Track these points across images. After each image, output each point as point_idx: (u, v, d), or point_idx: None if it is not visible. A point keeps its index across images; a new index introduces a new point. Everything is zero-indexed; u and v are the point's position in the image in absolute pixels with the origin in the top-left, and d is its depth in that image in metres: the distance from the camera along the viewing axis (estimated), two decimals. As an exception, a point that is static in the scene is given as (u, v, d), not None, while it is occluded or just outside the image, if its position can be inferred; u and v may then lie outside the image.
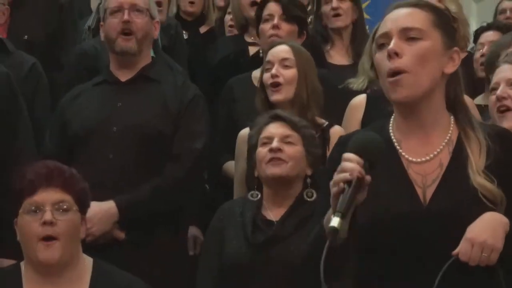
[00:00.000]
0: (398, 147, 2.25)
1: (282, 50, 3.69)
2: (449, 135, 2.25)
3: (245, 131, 3.64)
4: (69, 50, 4.35)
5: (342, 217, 1.98)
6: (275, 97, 3.61)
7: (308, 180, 3.21)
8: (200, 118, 3.59)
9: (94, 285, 2.81)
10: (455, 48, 2.26)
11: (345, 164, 2.04)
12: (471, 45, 4.85)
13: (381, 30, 2.24)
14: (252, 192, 3.23)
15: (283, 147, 3.16)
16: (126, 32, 3.53)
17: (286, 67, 3.64)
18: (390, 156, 2.22)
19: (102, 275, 2.84)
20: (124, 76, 3.61)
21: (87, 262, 2.87)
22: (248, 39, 4.61)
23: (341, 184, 2.01)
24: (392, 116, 2.28)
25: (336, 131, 3.51)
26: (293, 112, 3.53)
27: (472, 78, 4.40)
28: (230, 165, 3.85)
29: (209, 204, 3.90)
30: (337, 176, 2.03)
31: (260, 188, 3.23)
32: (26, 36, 4.21)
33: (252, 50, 4.52)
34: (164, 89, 3.58)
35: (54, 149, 3.53)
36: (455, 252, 2.13)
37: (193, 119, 3.56)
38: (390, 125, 2.27)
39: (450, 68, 2.24)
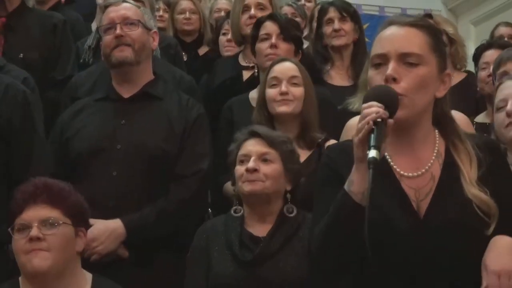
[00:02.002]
0: (391, 162, 2.28)
1: (290, 68, 3.72)
2: (436, 148, 2.29)
3: None
4: (64, 68, 4.39)
5: (378, 150, 2.06)
6: (282, 108, 3.63)
7: (288, 196, 3.21)
8: (204, 138, 3.61)
9: (93, 301, 2.82)
10: (447, 71, 2.30)
11: (368, 109, 2.09)
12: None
13: (377, 50, 2.26)
14: (235, 207, 3.24)
15: (260, 166, 3.17)
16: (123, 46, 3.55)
17: (295, 84, 3.68)
18: (384, 170, 2.24)
19: None
20: (126, 92, 3.62)
21: (87, 277, 2.89)
22: (243, 62, 4.61)
23: (371, 123, 2.06)
24: None
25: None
26: (295, 128, 3.59)
27: (474, 97, 4.40)
28: (229, 185, 3.84)
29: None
30: (364, 116, 2.09)
31: (242, 203, 3.25)
32: (21, 55, 4.22)
33: (246, 74, 4.54)
34: (168, 108, 3.61)
35: (53, 169, 3.51)
36: (482, 287, 2.14)
37: (197, 139, 3.58)
38: None
39: (442, 92, 2.29)
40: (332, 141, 3.58)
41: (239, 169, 3.21)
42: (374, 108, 2.09)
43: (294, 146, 3.32)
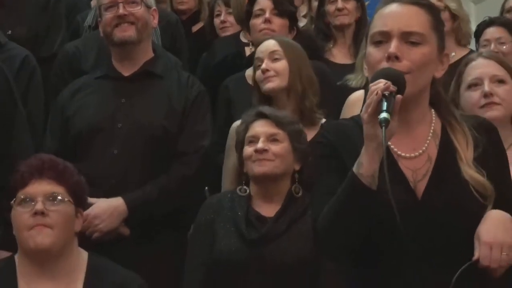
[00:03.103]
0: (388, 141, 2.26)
1: (269, 45, 3.73)
2: (432, 127, 2.29)
3: (237, 124, 3.66)
4: (51, 46, 4.38)
5: (389, 114, 2.06)
6: (267, 85, 3.64)
7: (296, 176, 3.24)
8: (204, 116, 3.64)
9: (89, 279, 2.84)
10: (446, 52, 2.31)
11: (376, 85, 2.10)
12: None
13: (379, 27, 2.26)
14: (240, 187, 3.26)
15: (269, 146, 3.21)
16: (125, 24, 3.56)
17: (276, 60, 3.68)
18: None
19: (97, 269, 2.88)
20: (126, 70, 3.63)
21: (83, 255, 2.90)
22: (244, 39, 4.62)
23: (379, 93, 2.08)
24: None
25: None
26: (290, 103, 3.59)
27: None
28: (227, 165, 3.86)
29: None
30: (372, 91, 2.10)
31: (248, 183, 3.27)
32: (9, 31, 4.21)
33: (248, 50, 4.54)
34: (168, 86, 3.63)
35: (55, 147, 3.55)
36: (474, 258, 2.16)
37: (198, 117, 3.60)
38: None
39: (440, 72, 2.30)
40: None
41: (248, 149, 3.24)
42: (382, 82, 2.11)
43: (301, 127, 3.35)
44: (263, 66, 3.66)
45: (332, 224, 2.18)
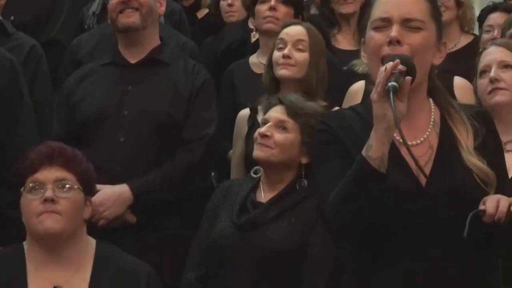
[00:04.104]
0: None
1: (298, 31, 3.73)
2: (432, 116, 2.34)
3: (245, 112, 3.72)
4: (50, 30, 4.41)
5: (398, 85, 2.11)
6: (283, 72, 3.64)
7: (303, 169, 3.21)
8: (210, 103, 3.65)
9: (97, 266, 2.86)
10: (443, 40, 2.37)
11: (387, 65, 2.14)
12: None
13: (379, 13, 2.30)
14: (255, 168, 3.27)
15: (272, 133, 3.18)
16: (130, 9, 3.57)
17: (300, 50, 3.69)
18: None
19: (105, 256, 2.90)
20: (133, 57, 3.66)
21: (91, 243, 2.93)
22: (251, 25, 4.64)
23: (389, 69, 2.12)
24: None
25: None
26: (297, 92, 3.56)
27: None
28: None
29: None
30: (381, 71, 2.14)
31: None
32: (12, 17, 4.24)
33: (255, 36, 4.55)
34: (174, 73, 3.64)
35: (62, 133, 3.58)
36: (481, 207, 2.19)
37: (204, 104, 3.62)
38: None
39: (438, 60, 2.35)
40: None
41: (257, 131, 3.24)
42: (394, 62, 2.15)
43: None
44: (286, 51, 3.66)
45: (341, 207, 2.20)
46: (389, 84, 2.11)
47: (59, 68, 4.23)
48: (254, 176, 3.25)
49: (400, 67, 2.14)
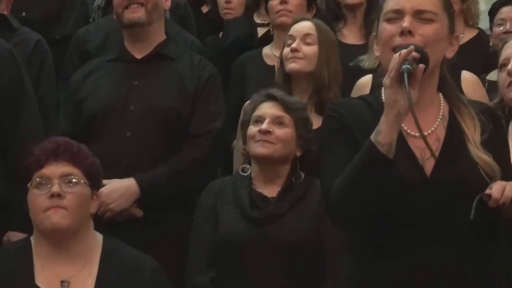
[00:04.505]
0: None
1: (305, 26, 3.77)
2: (441, 111, 2.36)
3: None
4: (63, 27, 4.45)
5: (412, 68, 2.13)
6: (291, 65, 3.68)
7: (298, 162, 3.27)
8: (217, 98, 3.67)
9: (104, 261, 2.88)
10: (456, 34, 2.39)
11: (401, 51, 2.16)
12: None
13: (392, 6, 2.33)
14: (243, 166, 3.32)
15: (273, 129, 3.24)
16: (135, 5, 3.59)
17: (308, 43, 3.72)
18: None
19: (112, 251, 2.91)
20: (139, 53, 3.67)
21: (98, 238, 2.94)
22: (257, 19, 4.65)
23: (402, 54, 2.14)
24: None
25: None
26: (310, 88, 3.62)
27: (484, 55, 4.43)
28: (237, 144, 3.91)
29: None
30: (399, 53, 2.16)
31: (250, 162, 3.33)
32: (24, 13, 4.25)
33: (261, 31, 4.58)
34: (180, 68, 3.66)
35: (68, 129, 3.59)
36: (487, 191, 2.20)
37: (210, 99, 3.63)
38: None
39: (450, 53, 2.38)
40: None
41: (252, 129, 3.28)
42: (404, 50, 2.17)
43: (309, 114, 3.38)
44: (294, 45, 3.69)
45: (346, 193, 2.21)
46: (404, 67, 2.13)
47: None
48: (244, 174, 3.29)
49: (414, 53, 2.16)
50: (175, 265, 3.29)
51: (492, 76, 4.18)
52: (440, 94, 2.38)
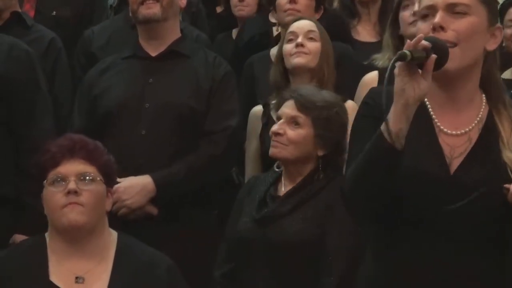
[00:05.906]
0: (432, 114, 2.33)
1: (307, 23, 3.81)
2: (480, 113, 2.33)
3: (257, 108, 3.77)
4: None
5: (412, 54, 2.10)
6: (297, 60, 3.70)
7: (320, 161, 3.21)
8: (232, 96, 3.69)
9: (119, 258, 2.90)
10: (498, 25, 2.34)
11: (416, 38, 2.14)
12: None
13: (426, 2, 2.31)
14: (278, 162, 3.28)
15: (285, 130, 3.18)
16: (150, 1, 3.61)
17: (311, 39, 3.75)
18: (424, 118, 2.30)
19: (127, 248, 2.94)
20: (153, 50, 3.70)
21: (113, 235, 2.96)
22: (273, 19, 4.67)
23: (411, 43, 2.12)
24: None
25: (349, 106, 3.50)
26: (306, 83, 3.60)
27: (499, 53, 4.43)
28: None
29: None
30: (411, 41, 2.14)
31: None
32: (54, 12, 4.28)
33: (275, 30, 4.57)
34: (195, 66, 3.68)
35: (83, 126, 3.61)
36: (506, 185, 2.20)
37: (225, 97, 3.65)
38: None
39: (492, 45, 2.33)
40: (350, 102, 3.60)
41: (272, 128, 3.26)
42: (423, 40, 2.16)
43: (335, 113, 3.25)
44: (299, 40, 3.72)
45: (357, 182, 2.22)
46: (400, 52, 2.11)
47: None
48: (277, 170, 3.28)
49: (424, 42, 2.13)
50: (190, 262, 3.31)
51: (507, 74, 4.19)
52: (483, 95, 2.34)
